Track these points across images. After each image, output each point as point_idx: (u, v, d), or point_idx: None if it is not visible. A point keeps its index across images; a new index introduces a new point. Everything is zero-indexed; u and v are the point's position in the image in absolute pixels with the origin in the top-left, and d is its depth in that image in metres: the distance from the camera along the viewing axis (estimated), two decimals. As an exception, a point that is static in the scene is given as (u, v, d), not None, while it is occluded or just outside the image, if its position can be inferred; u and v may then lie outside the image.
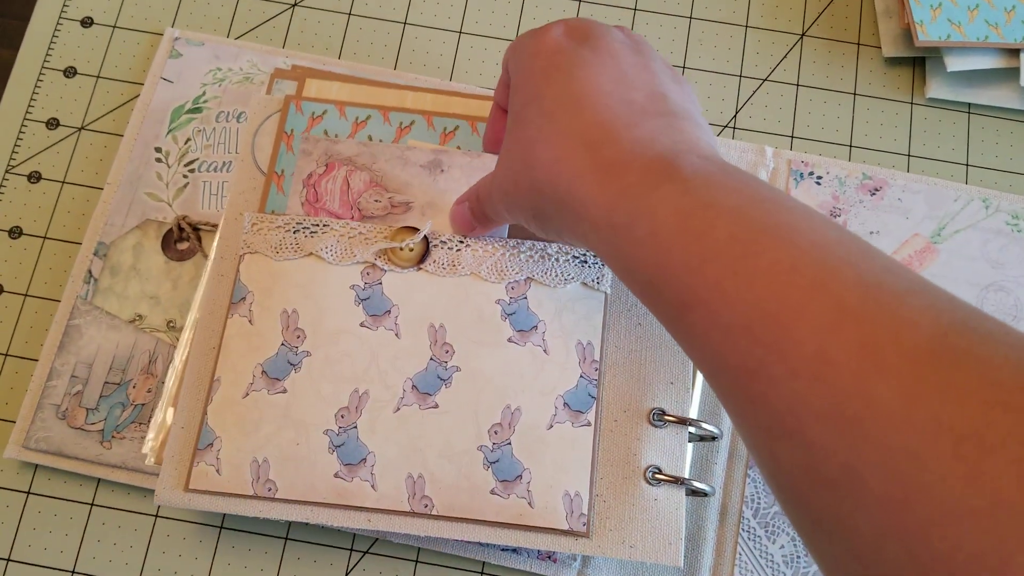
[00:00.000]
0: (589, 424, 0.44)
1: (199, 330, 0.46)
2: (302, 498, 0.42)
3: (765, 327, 0.28)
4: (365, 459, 0.43)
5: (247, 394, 0.44)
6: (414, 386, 0.44)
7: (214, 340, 0.45)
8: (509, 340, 0.45)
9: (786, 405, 0.27)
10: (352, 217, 0.46)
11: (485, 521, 0.42)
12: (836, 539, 0.26)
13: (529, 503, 0.42)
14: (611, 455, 0.44)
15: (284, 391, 0.44)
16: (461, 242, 0.45)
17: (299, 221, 0.46)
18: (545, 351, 0.44)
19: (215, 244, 0.47)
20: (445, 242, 0.46)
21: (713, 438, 0.45)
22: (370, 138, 0.49)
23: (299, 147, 0.47)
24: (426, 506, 0.42)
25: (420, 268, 0.45)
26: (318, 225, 0.46)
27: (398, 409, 0.43)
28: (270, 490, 0.42)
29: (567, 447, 0.43)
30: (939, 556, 0.23)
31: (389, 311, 0.45)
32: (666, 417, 0.44)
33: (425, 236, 0.45)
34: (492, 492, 0.42)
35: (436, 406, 0.44)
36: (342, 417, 0.43)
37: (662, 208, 0.31)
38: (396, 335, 0.45)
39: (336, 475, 0.43)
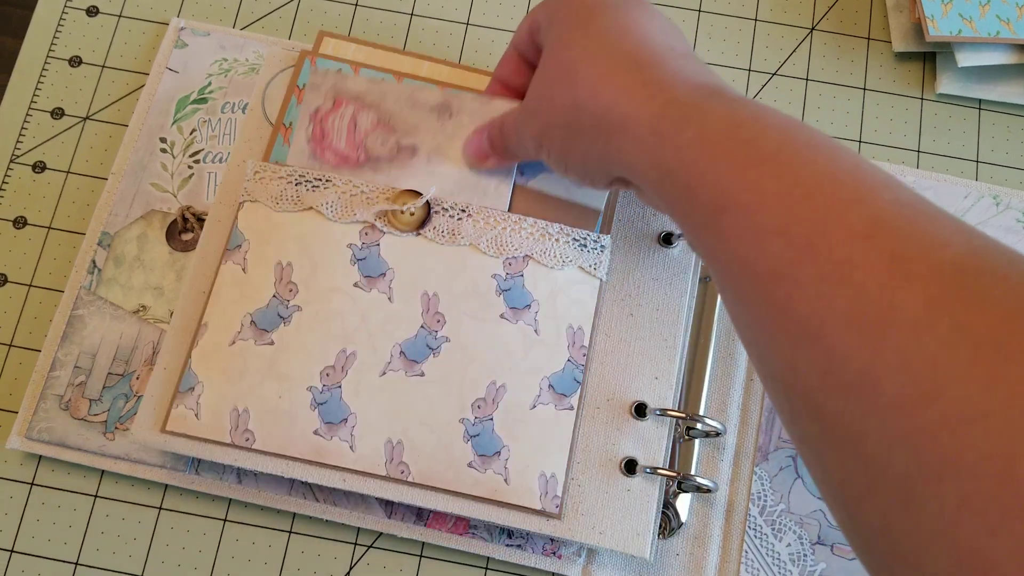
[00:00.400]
0: (572, 408, 0.44)
1: (191, 273, 0.46)
2: (279, 451, 0.43)
3: (800, 231, 0.28)
4: (346, 419, 0.43)
5: (233, 342, 0.44)
6: (402, 352, 0.44)
7: (205, 285, 0.45)
8: (501, 316, 0.45)
9: (811, 308, 0.27)
10: (358, 158, 0.46)
11: (459, 493, 0.43)
12: (845, 447, 0.26)
13: (505, 479, 0.42)
14: (590, 441, 0.44)
15: (271, 343, 0.44)
16: (463, 211, 0.46)
17: (302, 174, 0.46)
18: (536, 331, 0.45)
19: (216, 188, 0.48)
20: (447, 209, 0.46)
21: (718, 434, 0.45)
22: None
23: (308, 80, 0.47)
24: (402, 472, 0.42)
25: (419, 234, 0.46)
26: (320, 180, 0.46)
27: (384, 373, 0.44)
28: (248, 440, 0.43)
29: (548, 429, 0.44)
30: (947, 458, 0.23)
31: (384, 274, 0.45)
32: (651, 409, 0.45)
33: (427, 201, 0.45)
34: (469, 465, 0.43)
35: (422, 374, 0.44)
36: (327, 375, 0.44)
37: (712, 115, 0.33)
38: (389, 299, 0.45)
39: (315, 432, 0.43)
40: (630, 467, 0.44)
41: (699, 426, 0.45)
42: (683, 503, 0.46)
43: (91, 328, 0.48)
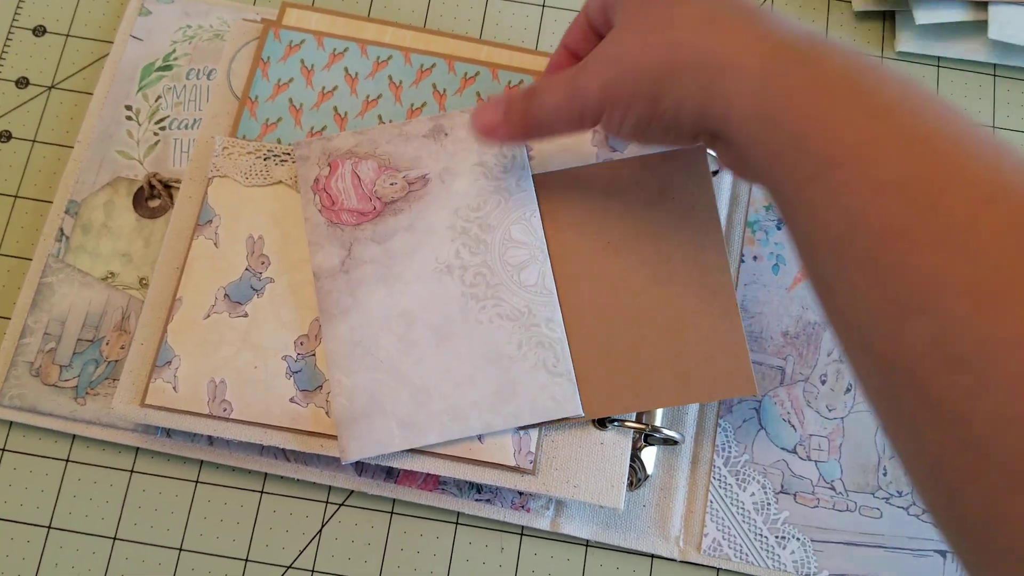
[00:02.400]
0: None
1: (164, 249, 0.47)
2: (257, 420, 0.43)
3: (919, 188, 0.26)
4: (321, 386, 0.44)
5: (208, 315, 0.45)
6: None
7: (178, 260, 0.46)
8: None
9: (926, 272, 0.26)
10: (375, 208, 0.45)
11: (435, 453, 0.43)
12: (948, 425, 0.25)
13: (479, 438, 0.43)
14: None
15: (245, 315, 0.45)
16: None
17: (270, 148, 0.47)
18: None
19: (182, 155, 0.48)
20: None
21: (675, 443, 0.46)
22: (346, 70, 0.49)
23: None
24: None
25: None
26: (288, 154, 0.47)
27: None
28: (225, 410, 0.43)
29: None
30: None
31: None
32: None
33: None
34: None
35: None
36: (301, 344, 0.44)
37: (828, 61, 0.31)
38: None
39: (291, 400, 0.44)
40: (601, 421, 0.45)
41: (658, 435, 0.46)
42: (649, 455, 0.47)
43: (60, 295, 0.48)
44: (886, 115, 0.28)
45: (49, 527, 0.46)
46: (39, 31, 0.54)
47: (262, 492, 0.47)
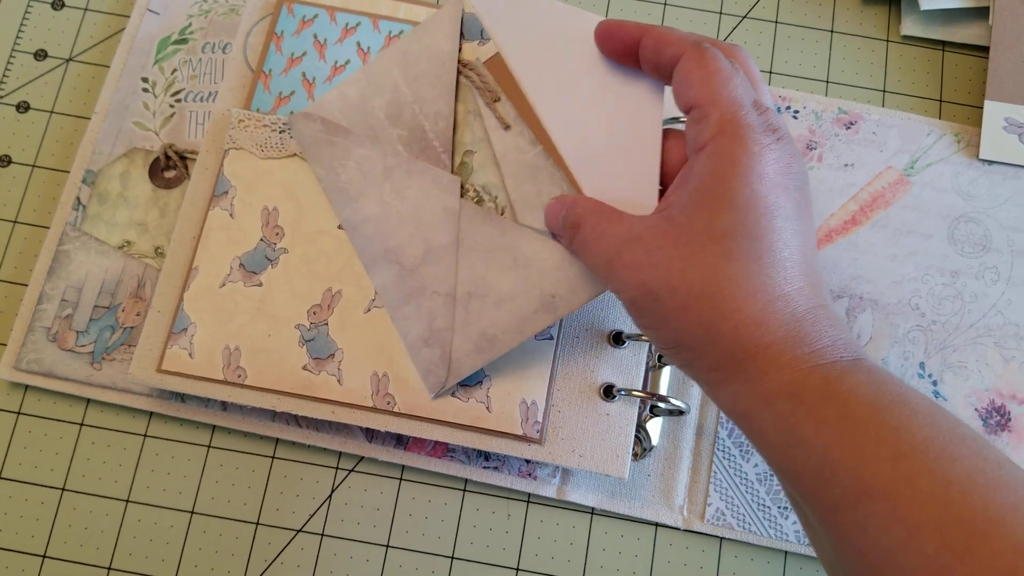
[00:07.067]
0: (551, 338, 0.46)
1: (180, 219, 0.47)
2: (270, 386, 0.44)
3: (958, 533, 0.27)
4: (333, 354, 0.45)
5: (223, 284, 0.46)
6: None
7: (195, 230, 0.47)
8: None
9: None
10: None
11: (444, 422, 0.44)
12: None
13: (487, 408, 0.44)
14: (569, 369, 0.46)
15: (260, 284, 0.46)
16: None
17: (286, 122, 0.47)
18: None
19: (197, 127, 0.49)
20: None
21: (681, 413, 0.47)
22: (359, 45, 0.50)
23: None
24: (388, 403, 0.44)
25: None
26: None
27: (369, 310, 0.45)
28: (240, 376, 0.44)
29: (528, 358, 0.45)
30: None
31: None
32: (625, 338, 0.47)
33: None
34: (453, 395, 0.44)
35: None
36: (314, 314, 0.45)
37: (858, 395, 0.31)
38: None
39: (304, 368, 0.44)
40: (608, 392, 0.45)
41: (664, 405, 0.47)
42: (654, 426, 0.47)
43: (77, 263, 0.49)
44: (916, 455, 0.29)
45: (63, 489, 0.47)
46: (57, 5, 0.55)
47: (273, 457, 0.48)
